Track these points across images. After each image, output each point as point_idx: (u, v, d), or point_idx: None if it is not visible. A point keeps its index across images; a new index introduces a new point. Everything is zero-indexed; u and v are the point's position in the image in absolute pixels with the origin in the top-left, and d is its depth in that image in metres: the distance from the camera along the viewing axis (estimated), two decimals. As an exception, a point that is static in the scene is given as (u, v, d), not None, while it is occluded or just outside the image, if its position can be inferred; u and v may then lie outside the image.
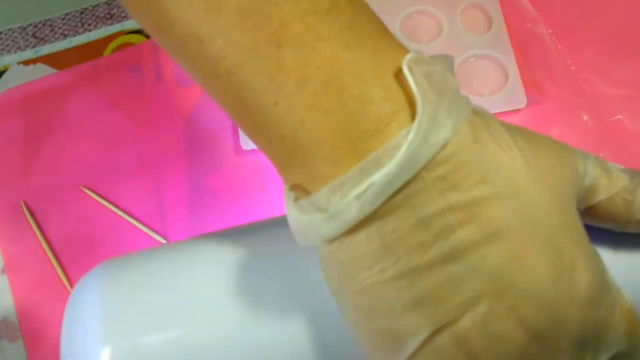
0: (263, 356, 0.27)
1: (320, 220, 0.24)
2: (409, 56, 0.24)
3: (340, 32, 0.24)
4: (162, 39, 0.27)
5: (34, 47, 0.55)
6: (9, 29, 0.56)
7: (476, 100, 0.55)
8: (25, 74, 0.54)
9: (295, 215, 0.25)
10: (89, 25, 0.56)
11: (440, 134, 0.23)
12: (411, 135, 0.23)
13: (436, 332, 0.24)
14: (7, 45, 0.55)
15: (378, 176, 0.23)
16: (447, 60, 0.26)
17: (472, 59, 0.52)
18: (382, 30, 0.26)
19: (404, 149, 0.23)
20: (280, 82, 0.24)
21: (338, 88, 0.24)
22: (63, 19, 0.56)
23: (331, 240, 0.24)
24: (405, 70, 0.24)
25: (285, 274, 0.28)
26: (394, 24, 0.53)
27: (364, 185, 0.23)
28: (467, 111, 0.25)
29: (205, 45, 0.25)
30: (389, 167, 0.23)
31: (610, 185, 0.28)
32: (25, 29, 0.56)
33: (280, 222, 0.31)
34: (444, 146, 0.23)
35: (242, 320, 0.27)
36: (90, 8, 0.56)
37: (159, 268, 0.29)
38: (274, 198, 0.50)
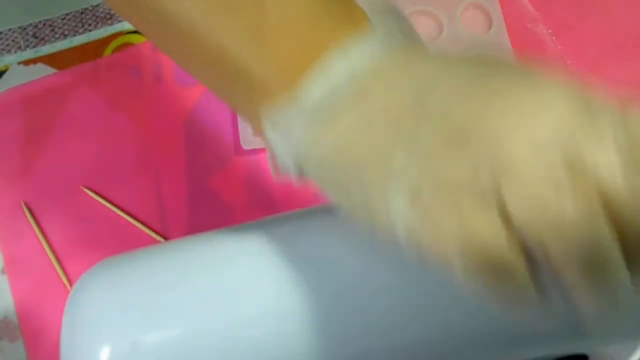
0: (264, 354, 0.27)
1: (310, 103, 0.25)
2: None
3: None
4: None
5: (34, 47, 0.55)
6: (9, 29, 0.56)
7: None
8: (25, 74, 0.54)
9: (279, 115, 0.26)
10: (89, 25, 0.56)
11: (390, 41, 0.27)
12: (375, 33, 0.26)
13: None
14: (7, 45, 0.56)
15: (355, 54, 0.26)
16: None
17: (472, 59, 0.52)
18: None
19: (372, 39, 0.26)
20: (243, 33, 0.27)
21: (296, 28, 0.27)
22: (63, 19, 0.56)
23: (318, 126, 0.25)
24: None
25: (285, 272, 0.28)
26: (394, 24, 0.53)
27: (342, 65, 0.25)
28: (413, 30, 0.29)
29: (176, 4, 0.27)
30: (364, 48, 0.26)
31: None
32: (25, 29, 0.56)
33: (281, 221, 0.31)
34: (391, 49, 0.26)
35: (242, 318, 0.28)
36: (90, 8, 0.56)
37: (159, 266, 0.29)
38: (274, 197, 0.50)
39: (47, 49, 0.55)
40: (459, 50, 0.28)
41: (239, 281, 0.28)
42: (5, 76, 0.54)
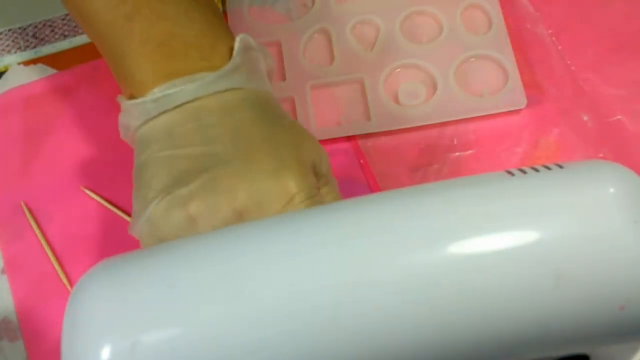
0: (265, 354, 0.27)
1: (151, 100, 0.36)
2: (242, 35, 0.38)
3: (176, 15, 0.38)
4: (71, 13, 0.42)
5: (34, 47, 0.55)
6: (9, 29, 0.56)
7: (476, 100, 0.55)
8: (25, 74, 0.54)
9: (131, 103, 0.37)
10: (89, 25, 0.56)
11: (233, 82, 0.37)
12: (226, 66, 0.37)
13: (172, 191, 0.34)
14: (7, 45, 0.56)
15: (191, 86, 0.36)
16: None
17: (472, 59, 0.52)
18: (212, 20, 0.39)
19: (216, 76, 0.37)
20: (129, 42, 0.37)
21: (168, 48, 0.37)
22: (63, 19, 0.56)
23: (153, 117, 0.36)
24: (238, 39, 0.38)
25: (287, 271, 0.28)
26: (394, 24, 0.53)
27: (188, 85, 0.36)
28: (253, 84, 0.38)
29: (88, 19, 0.39)
30: (204, 79, 0.36)
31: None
32: (25, 29, 0.56)
33: (282, 221, 0.31)
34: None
35: (243, 318, 0.28)
36: (91, 8, 0.56)
37: (159, 266, 0.29)
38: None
39: (47, 49, 0.55)
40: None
41: (241, 281, 0.28)
42: (5, 76, 0.54)
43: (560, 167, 0.31)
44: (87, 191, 0.50)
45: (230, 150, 0.35)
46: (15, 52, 0.55)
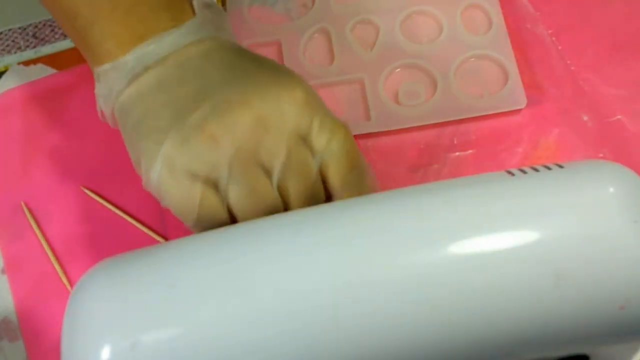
0: (265, 354, 0.27)
1: (136, 57, 0.36)
2: None
3: None
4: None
5: (34, 47, 0.55)
6: (9, 29, 0.56)
7: (476, 100, 0.55)
8: (25, 74, 0.54)
9: (112, 65, 0.36)
10: (89, 25, 0.56)
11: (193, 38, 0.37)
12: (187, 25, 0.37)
13: (183, 122, 0.34)
14: (7, 45, 0.56)
15: (168, 39, 0.37)
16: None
17: (472, 59, 0.52)
18: None
19: (185, 30, 0.37)
20: (98, 10, 0.37)
21: (138, 13, 0.37)
22: (63, 19, 0.56)
23: (137, 76, 0.36)
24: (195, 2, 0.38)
25: (287, 271, 0.28)
26: (394, 24, 0.53)
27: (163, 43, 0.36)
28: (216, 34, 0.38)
29: None
30: (173, 36, 0.37)
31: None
32: (25, 29, 0.56)
33: (282, 221, 0.31)
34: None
35: (243, 318, 0.28)
36: (91, 8, 0.56)
37: (160, 265, 0.29)
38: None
39: (47, 49, 0.55)
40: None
41: (241, 281, 0.28)
42: (5, 76, 0.54)
43: (561, 167, 0.31)
44: (87, 191, 0.50)
45: (229, 76, 0.36)
46: (15, 52, 0.55)
